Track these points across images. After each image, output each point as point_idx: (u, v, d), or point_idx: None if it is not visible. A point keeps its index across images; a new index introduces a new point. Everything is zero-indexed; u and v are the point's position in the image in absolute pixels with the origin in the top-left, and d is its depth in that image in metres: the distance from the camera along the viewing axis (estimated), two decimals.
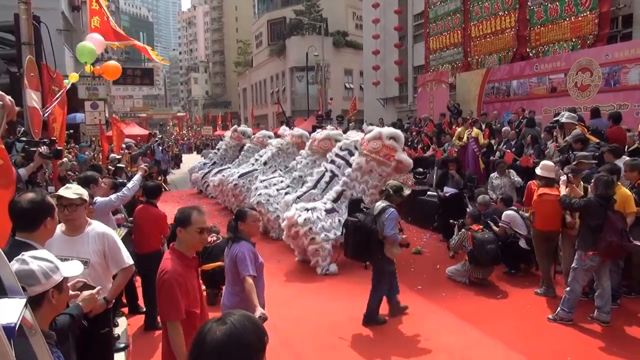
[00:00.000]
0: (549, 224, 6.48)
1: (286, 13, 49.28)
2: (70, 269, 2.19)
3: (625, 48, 12.49)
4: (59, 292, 2.09)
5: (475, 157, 11.45)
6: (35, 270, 2.00)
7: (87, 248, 3.40)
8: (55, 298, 2.07)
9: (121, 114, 37.67)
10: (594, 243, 5.47)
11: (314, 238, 7.95)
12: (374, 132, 8.51)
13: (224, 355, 1.42)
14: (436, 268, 8.00)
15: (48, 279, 2.02)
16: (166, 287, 2.88)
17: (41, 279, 2.00)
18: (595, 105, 11.19)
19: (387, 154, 8.28)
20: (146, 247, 5.68)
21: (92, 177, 5.16)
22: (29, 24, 5.96)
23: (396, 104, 27.80)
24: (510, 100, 15.80)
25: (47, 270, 2.03)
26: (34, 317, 1.80)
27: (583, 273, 5.63)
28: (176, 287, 2.88)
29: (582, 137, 8.02)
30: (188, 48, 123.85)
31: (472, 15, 18.69)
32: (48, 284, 2.02)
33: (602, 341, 5.27)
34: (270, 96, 51.18)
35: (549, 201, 6.31)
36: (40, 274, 2.00)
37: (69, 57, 18.35)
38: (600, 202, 5.45)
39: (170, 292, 2.87)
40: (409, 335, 5.57)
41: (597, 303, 5.68)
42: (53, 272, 2.05)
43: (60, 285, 2.09)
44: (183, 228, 3.05)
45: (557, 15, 15.01)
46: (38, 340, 1.81)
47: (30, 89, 5.43)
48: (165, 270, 2.92)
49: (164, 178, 20.51)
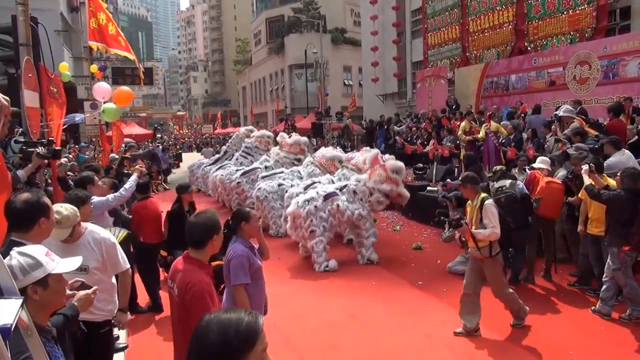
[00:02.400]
0: (553, 211, 6.70)
1: (284, 11, 49.21)
2: (62, 265, 2.18)
3: (623, 40, 12.49)
4: (43, 289, 2.06)
5: (497, 151, 11.25)
6: (14, 266, 1.99)
7: (86, 255, 3.35)
8: (39, 294, 2.04)
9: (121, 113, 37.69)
10: (626, 238, 5.40)
11: (314, 231, 8.03)
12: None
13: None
14: (437, 263, 8.00)
15: (26, 275, 2.00)
16: (198, 299, 2.78)
17: (18, 274, 1.98)
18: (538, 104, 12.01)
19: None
20: (147, 239, 6.26)
21: (88, 177, 5.19)
22: (26, 25, 5.97)
23: (395, 100, 27.78)
24: (509, 95, 15.80)
25: (25, 266, 2.01)
26: (30, 318, 1.80)
27: (625, 269, 5.53)
28: (208, 297, 2.82)
29: (581, 131, 8.03)
30: (187, 47, 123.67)
31: (469, 10, 18.67)
32: (26, 280, 2.00)
33: (603, 335, 5.28)
34: (269, 94, 51.16)
35: (556, 189, 6.59)
36: (17, 269, 1.99)
37: (68, 57, 18.36)
38: (629, 196, 5.38)
39: (203, 303, 2.78)
40: (409, 331, 5.57)
41: (603, 295, 5.68)
42: (32, 268, 2.02)
43: (43, 280, 2.05)
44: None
45: (555, 9, 14.99)
46: (34, 341, 1.81)
47: (28, 89, 5.44)
48: (193, 282, 2.82)
49: (164, 177, 20.52)
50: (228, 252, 3.77)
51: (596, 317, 5.68)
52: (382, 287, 7.06)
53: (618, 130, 8.43)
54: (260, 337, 1.52)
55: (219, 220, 3.06)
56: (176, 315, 2.98)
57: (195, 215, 3.12)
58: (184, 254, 3.08)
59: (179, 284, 2.89)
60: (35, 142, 5.08)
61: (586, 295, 6.39)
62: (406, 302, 6.45)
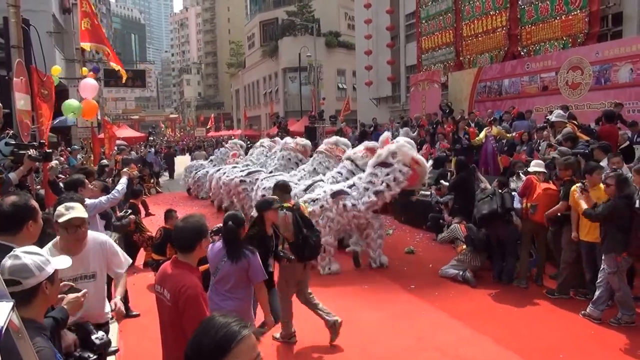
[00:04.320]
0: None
1: (278, 14, 49.20)
2: (59, 262, 2.31)
3: (615, 46, 12.59)
4: (51, 284, 2.22)
5: (494, 156, 11.30)
6: (29, 264, 2.12)
7: (92, 262, 3.35)
8: (48, 289, 2.20)
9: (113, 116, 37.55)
10: (625, 244, 5.40)
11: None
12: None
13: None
14: (429, 267, 8.01)
15: (41, 271, 2.15)
16: (192, 302, 2.78)
17: (35, 271, 2.12)
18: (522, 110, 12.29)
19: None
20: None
21: (79, 179, 5.16)
22: (18, 28, 5.91)
23: (389, 103, 27.83)
24: (502, 99, 15.88)
25: (39, 263, 2.15)
26: (20, 321, 1.80)
27: (620, 274, 5.54)
28: (202, 300, 2.82)
29: (572, 136, 8.07)
30: (180, 50, 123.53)
31: (463, 15, 18.77)
32: (41, 276, 2.14)
33: (593, 338, 5.31)
34: (263, 97, 51.11)
35: (553, 195, 6.59)
36: (33, 267, 2.12)
37: (60, 59, 18.27)
38: (625, 202, 5.39)
39: (198, 306, 2.78)
40: (401, 334, 5.58)
41: (595, 299, 5.70)
42: (45, 264, 2.17)
43: (52, 277, 2.22)
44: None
45: (548, 14, 15.11)
46: (25, 344, 1.80)
47: (19, 92, 5.40)
48: (187, 286, 2.80)
49: (156, 180, 20.45)
50: (246, 257, 3.88)
51: (586, 321, 5.70)
52: (375, 290, 7.06)
53: (610, 135, 8.49)
54: (237, 347, 1.49)
55: (207, 224, 3.06)
56: (167, 320, 2.96)
57: (182, 219, 3.11)
58: (172, 258, 3.06)
59: (171, 288, 2.87)
60: (26, 144, 5.04)
61: (576, 298, 6.40)
62: (398, 306, 6.45)
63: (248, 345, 1.52)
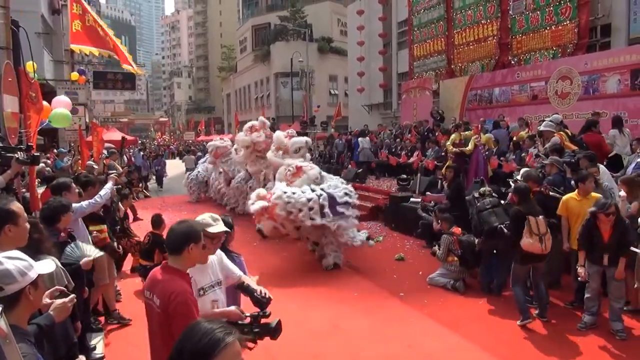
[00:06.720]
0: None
1: (271, 19, 49.30)
2: (42, 266, 2.29)
3: (603, 57, 12.74)
4: (35, 289, 2.19)
5: (485, 164, 11.27)
6: (11, 269, 2.08)
7: (214, 268, 3.32)
8: (32, 294, 2.17)
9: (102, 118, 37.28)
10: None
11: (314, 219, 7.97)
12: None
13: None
14: (418, 275, 8.00)
15: (24, 276, 2.11)
16: (182, 307, 2.70)
17: (17, 277, 2.09)
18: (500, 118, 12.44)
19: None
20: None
21: (65, 183, 5.10)
22: (7, 29, 5.85)
23: (380, 110, 27.94)
24: (492, 108, 16.00)
25: (22, 268, 2.12)
26: (8, 326, 1.81)
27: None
28: (192, 305, 2.76)
29: (558, 147, 8.09)
30: (171, 52, 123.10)
31: (455, 23, 18.92)
32: (24, 281, 2.11)
33: (579, 345, 5.31)
34: (254, 102, 51.07)
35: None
36: (16, 272, 2.09)
37: (48, 60, 18.10)
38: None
39: (188, 311, 2.72)
40: (391, 341, 5.56)
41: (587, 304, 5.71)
42: (28, 269, 2.14)
43: (35, 282, 2.19)
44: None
45: (538, 24, 15.27)
46: (12, 350, 1.82)
47: (7, 94, 5.32)
48: (177, 292, 2.73)
49: (144, 185, 20.30)
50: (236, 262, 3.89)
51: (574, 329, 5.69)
52: (364, 297, 7.04)
53: (596, 144, 8.52)
54: (220, 354, 1.49)
55: (200, 231, 3.01)
56: (156, 325, 2.91)
57: (177, 222, 3.07)
58: (163, 263, 3.02)
59: (161, 294, 2.82)
60: (14, 147, 4.97)
61: (566, 306, 6.42)
62: (387, 313, 6.44)
63: (232, 352, 1.51)
